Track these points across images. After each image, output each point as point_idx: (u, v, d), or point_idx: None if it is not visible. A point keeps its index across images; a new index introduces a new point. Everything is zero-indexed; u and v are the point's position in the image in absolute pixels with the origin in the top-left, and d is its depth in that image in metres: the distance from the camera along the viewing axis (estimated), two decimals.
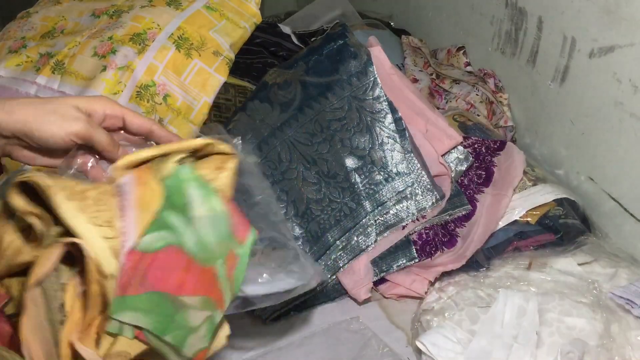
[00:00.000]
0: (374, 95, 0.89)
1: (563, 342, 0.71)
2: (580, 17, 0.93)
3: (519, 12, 1.11)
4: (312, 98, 0.92)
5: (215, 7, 1.13)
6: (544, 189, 0.92)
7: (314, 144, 0.91)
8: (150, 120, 0.59)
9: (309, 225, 0.89)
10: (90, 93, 0.99)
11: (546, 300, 0.76)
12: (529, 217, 0.90)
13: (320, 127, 0.91)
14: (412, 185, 0.87)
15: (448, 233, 0.90)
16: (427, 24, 1.52)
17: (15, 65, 1.07)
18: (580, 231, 0.90)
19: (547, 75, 1.04)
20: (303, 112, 0.92)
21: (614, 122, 0.89)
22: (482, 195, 0.93)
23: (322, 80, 0.92)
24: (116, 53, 1.02)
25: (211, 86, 1.06)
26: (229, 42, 1.10)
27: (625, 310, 0.74)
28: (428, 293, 0.85)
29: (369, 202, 0.87)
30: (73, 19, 1.16)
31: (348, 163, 0.89)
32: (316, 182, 0.90)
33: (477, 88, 1.20)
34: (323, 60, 0.93)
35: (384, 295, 0.90)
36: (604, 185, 0.94)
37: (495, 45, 1.21)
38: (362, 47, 0.92)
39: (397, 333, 0.84)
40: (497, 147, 0.98)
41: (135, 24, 1.06)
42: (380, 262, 0.87)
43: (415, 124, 0.92)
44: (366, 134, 0.88)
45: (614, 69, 0.87)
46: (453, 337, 0.75)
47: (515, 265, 0.85)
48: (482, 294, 0.80)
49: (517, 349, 0.71)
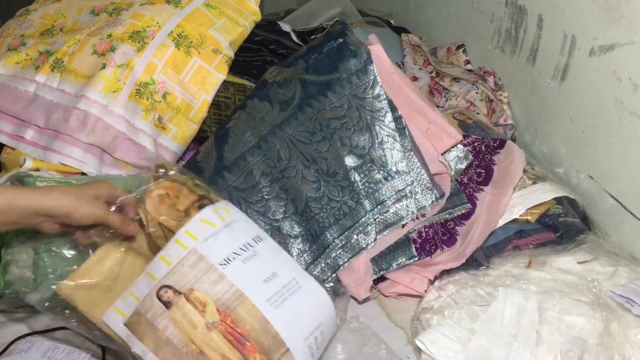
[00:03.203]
0: (373, 94, 0.89)
1: (563, 340, 0.71)
2: (581, 15, 0.93)
3: (519, 10, 1.11)
4: (311, 96, 0.91)
5: (214, 4, 1.13)
6: (543, 187, 0.92)
7: (313, 142, 0.91)
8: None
9: (308, 223, 0.89)
10: (90, 91, 0.99)
11: (546, 299, 0.76)
12: (529, 215, 0.90)
13: (319, 125, 0.91)
14: (412, 183, 0.87)
15: (448, 231, 0.90)
16: (427, 22, 1.52)
17: (14, 63, 1.07)
18: (580, 230, 0.90)
19: (547, 73, 1.04)
20: (303, 110, 0.92)
21: (614, 121, 0.89)
22: (481, 193, 0.93)
23: (321, 78, 0.92)
24: (115, 51, 1.02)
25: (210, 84, 1.06)
26: (228, 39, 1.10)
27: (625, 309, 0.74)
28: (428, 291, 0.85)
29: (368, 201, 0.87)
30: (72, 16, 1.16)
31: (347, 162, 0.89)
32: (315, 181, 0.90)
33: (476, 86, 1.20)
34: (323, 59, 0.93)
35: (384, 294, 0.90)
36: (604, 183, 0.94)
37: (495, 44, 1.21)
38: (362, 45, 0.92)
39: (397, 331, 0.84)
40: (496, 145, 0.98)
41: (135, 21, 1.06)
42: (379, 261, 0.87)
43: (416, 123, 0.91)
44: (366, 133, 0.88)
45: (614, 68, 0.87)
46: (453, 335, 0.75)
47: (515, 264, 0.85)
48: (482, 292, 0.80)
49: (517, 347, 0.71)
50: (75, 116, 0.98)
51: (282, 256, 0.79)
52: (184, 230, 0.73)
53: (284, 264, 0.77)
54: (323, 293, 0.77)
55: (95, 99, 0.99)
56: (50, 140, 0.99)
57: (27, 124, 1.01)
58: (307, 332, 0.72)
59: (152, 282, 0.71)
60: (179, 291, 0.70)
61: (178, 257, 0.71)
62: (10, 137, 1.03)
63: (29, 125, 1.01)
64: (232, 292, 0.70)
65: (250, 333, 0.69)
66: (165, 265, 0.71)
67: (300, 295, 0.74)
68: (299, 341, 0.71)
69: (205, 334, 0.69)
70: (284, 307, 0.72)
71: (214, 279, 0.70)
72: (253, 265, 0.73)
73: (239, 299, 0.70)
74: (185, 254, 0.71)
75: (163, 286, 0.70)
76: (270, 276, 0.73)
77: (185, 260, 0.71)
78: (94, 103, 0.99)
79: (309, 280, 0.77)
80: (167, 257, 0.72)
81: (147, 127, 1.02)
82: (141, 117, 1.02)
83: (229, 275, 0.71)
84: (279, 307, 0.71)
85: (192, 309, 0.70)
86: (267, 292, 0.72)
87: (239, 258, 0.73)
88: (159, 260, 0.71)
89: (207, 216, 0.75)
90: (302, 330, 0.72)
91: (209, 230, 0.74)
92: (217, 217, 0.76)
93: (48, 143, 0.99)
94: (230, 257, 0.72)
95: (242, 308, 0.70)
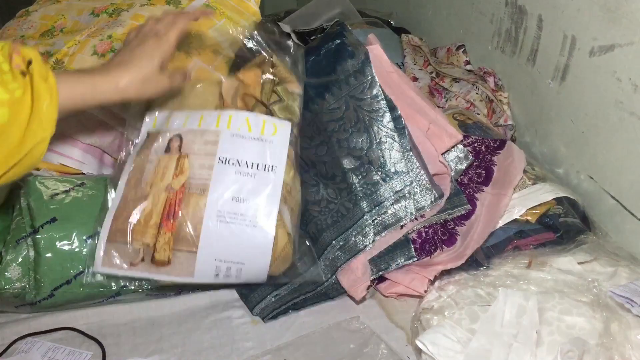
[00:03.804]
0: (372, 94, 0.89)
1: (563, 340, 0.71)
2: (581, 15, 0.93)
3: (519, 10, 1.11)
4: (309, 100, 0.91)
5: (214, 5, 1.13)
6: (543, 187, 0.92)
7: (312, 146, 0.91)
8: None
9: (307, 226, 0.89)
10: None
11: (546, 299, 0.76)
12: (529, 215, 0.90)
13: (318, 129, 0.91)
14: (411, 184, 0.87)
15: (447, 231, 0.90)
16: (427, 23, 1.52)
17: None
18: (580, 230, 0.90)
19: (547, 73, 1.04)
20: (302, 116, 0.92)
21: (614, 121, 0.89)
22: (481, 194, 0.93)
23: (319, 81, 0.92)
24: (116, 52, 1.02)
25: None
26: (228, 40, 1.10)
27: (625, 309, 0.74)
28: (428, 292, 0.85)
29: (366, 202, 0.87)
30: (72, 17, 1.16)
31: (345, 164, 0.88)
32: (315, 184, 0.90)
33: (477, 87, 1.20)
34: (321, 61, 0.93)
35: (384, 294, 0.90)
36: (604, 184, 0.94)
37: (495, 44, 1.21)
38: (359, 45, 0.92)
39: (397, 332, 0.84)
40: (497, 146, 0.98)
41: (135, 22, 1.06)
42: (378, 261, 0.87)
43: (416, 122, 0.91)
44: (364, 134, 0.88)
45: (614, 68, 0.87)
46: (453, 336, 0.75)
47: (515, 264, 0.85)
48: (482, 292, 0.80)
49: (517, 347, 0.71)
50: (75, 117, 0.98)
51: (274, 197, 0.79)
52: (230, 112, 0.82)
53: (266, 203, 0.78)
54: (267, 248, 0.77)
55: None
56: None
57: None
58: (222, 257, 0.77)
59: (181, 122, 0.81)
60: (181, 148, 0.79)
61: (206, 126, 0.80)
62: None
63: None
64: (203, 182, 0.77)
65: (181, 218, 0.76)
66: (196, 123, 0.80)
67: (248, 231, 0.76)
68: (209, 256, 0.76)
69: (160, 190, 0.78)
70: (223, 226, 0.76)
71: (205, 163, 0.77)
72: (241, 180, 0.78)
73: (201, 192, 0.77)
74: (211, 129, 0.80)
75: (178, 135, 0.80)
76: (242, 199, 0.77)
77: (206, 133, 0.79)
78: None
79: (268, 230, 0.77)
80: (203, 118, 0.81)
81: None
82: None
83: (215, 171, 0.77)
84: (220, 222, 0.76)
85: (172, 167, 0.78)
86: (224, 206, 0.76)
87: (236, 168, 0.78)
88: (198, 115, 0.81)
89: (253, 120, 0.82)
90: (220, 253, 0.76)
91: (243, 130, 0.81)
92: (259, 127, 0.82)
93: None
94: (231, 161, 0.78)
95: (195, 198, 0.76)
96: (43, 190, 0.85)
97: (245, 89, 0.86)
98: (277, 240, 0.79)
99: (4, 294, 0.81)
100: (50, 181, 0.87)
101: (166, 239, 0.76)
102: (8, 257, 0.81)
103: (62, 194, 0.85)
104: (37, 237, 0.81)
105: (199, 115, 0.82)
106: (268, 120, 0.83)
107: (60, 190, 0.86)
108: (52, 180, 0.88)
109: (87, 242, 0.82)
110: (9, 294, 0.81)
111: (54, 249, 0.81)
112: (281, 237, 0.80)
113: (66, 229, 0.82)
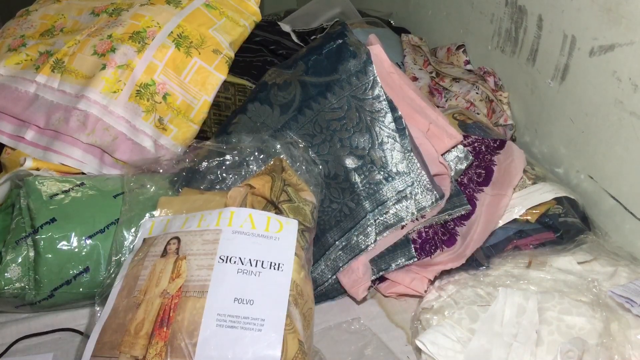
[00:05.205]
0: (373, 95, 0.89)
1: (563, 340, 0.71)
2: (581, 15, 0.93)
3: (519, 10, 1.11)
4: (311, 98, 0.91)
5: (215, 5, 1.13)
6: (543, 187, 0.92)
7: (314, 145, 0.91)
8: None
9: None
10: (90, 91, 0.99)
11: (546, 299, 0.76)
12: (529, 215, 0.90)
13: (319, 127, 0.91)
14: (412, 184, 0.87)
15: (447, 232, 0.90)
16: (427, 23, 1.52)
17: (14, 63, 1.07)
18: (580, 230, 0.90)
19: (547, 73, 1.04)
20: (302, 113, 0.92)
21: (613, 121, 0.89)
22: (481, 194, 0.93)
23: (321, 80, 0.92)
24: (116, 51, 1.02)
25: (211, 84, 1.06)
26: (228, 40, 1.10)
27: (625, 309, 0.74)
28: (428, 292, 0.85)
29: (368, 202, 0.87)
30: (72, 17, 1.16)
31: (347, 163, 0.88)
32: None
33: (476, 86, 1.20)
34: (322, 60, 0.93)
35: (384, 294, 0.90)
36: (604, 183, 0.94)
37: (495, 44, 1.21)
38: (361, 46, 0.92)
39: (397, 332, 0.84)
40: (497, 145, 0.98)
41: (135, 22, 1.06)
42: (379, 261, 0.87)
43: (416, 123, 0.91)
44: (366, 134, 0.88)
45: (613, 68, 0.87)
46: (453, 335, 0.75)
47: (514, 264, 0.85)
48: (482, 292, 0.80)
49: (517, 347, 0.71)
50: (76, 116, 0.98)
51: (280, 299, 0.70)
52: (231, 209, 0.75)
53: (273, 304, 0.69)
54: (275, 357, 0.65)
55: (95, 99, 0.99)
56: (50, 141, 0.99)
57: (28, 124, 1.01)
58: None
59: (180, 224, 0.75)
60: (179, 251, 0.72)
61: (206, 225, 0.74)
62: (10, 138, 1.03)
63: (29, 125, 1.01)
64: (201, 283, 0.68)
65: (176, 324, 0.66)
66: (196, 224, 0.74)
67: (252, 336, 0.66)
68: None
69: (155, 297, 0.69)
70: (223, 331, 0.66)
71: (204, 263, 0.70)
72: (244, 280, 0.69)
73: (199, 294, 0.68)
74: (211, 228, 0.73)
75: (176, 237, 0.73)
76: (245, 300, 0.68)
77: (205, 232, 0.73)
78: (94, 103, 0.99)
79: (276, 335, 0.67)
80: (203, 218, 0.75)
81: (148, 128, 1.02)
82: (142, 118, 1.02)
83: (215, 270, 0.69)
84: (220, 327, 0.66)
85: (169, 271, 0.71)
86: (225, 309, 0.67)
87: (238, 266, 0.70)
88: (198, 215, 0.75)
89: (257, 217, 0.75)
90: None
91: (246, 227, 0.74)
92: (263, 223, 0.75)
93: (48, 143, 0.99)
94: (233, 259, 0.70)
95: (193, 301, 0.67)
96: (43, 191, 0.85)
97: (254, 192, 0.80)
98: (287, 347, 0.67)
99: (3, 294, 0.81)
100: (49, 181, 0.87)
101: (158, 349, 0.65)
102: (8, 258, 0.81)
103: (62, 194, 0.85)
104: (36, 237, 0.81)
105: (199, 216, 0.75)
106: (273, 217, 0.76)
107: (60, 190, 0.86)
108: (52, 180, 0.88)
109: (87, 242, 0.82)
110: (9, 294, 0.81)
111: (54, 249, 0.81)
112: (291, 345, 0.68)
113: (66, 229, 0.82)
